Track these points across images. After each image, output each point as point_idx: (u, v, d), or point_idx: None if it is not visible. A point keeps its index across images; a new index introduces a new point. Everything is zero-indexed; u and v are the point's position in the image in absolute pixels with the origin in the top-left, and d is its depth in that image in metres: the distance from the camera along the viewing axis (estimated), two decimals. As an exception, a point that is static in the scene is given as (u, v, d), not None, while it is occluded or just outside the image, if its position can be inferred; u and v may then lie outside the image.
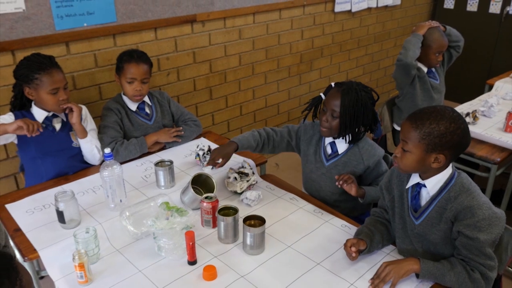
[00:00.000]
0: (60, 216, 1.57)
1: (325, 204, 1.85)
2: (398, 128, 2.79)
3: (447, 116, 1.38)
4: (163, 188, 1.85)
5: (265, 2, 3.19)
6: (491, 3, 4.34)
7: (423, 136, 1.38)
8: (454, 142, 1.38)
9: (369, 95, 1.80)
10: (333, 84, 1.83)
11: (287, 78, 3.59)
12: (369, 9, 4.04)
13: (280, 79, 3.54)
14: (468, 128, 1.42)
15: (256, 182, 1.92)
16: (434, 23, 2.63)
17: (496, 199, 2.34)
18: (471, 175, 2.41)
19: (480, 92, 3.23)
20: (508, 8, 4.24)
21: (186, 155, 2.15)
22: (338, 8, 3.73)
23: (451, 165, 1.47)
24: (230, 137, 3.21)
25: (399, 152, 1.46)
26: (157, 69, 2.75)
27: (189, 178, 1.77)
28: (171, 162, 1.88)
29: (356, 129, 1.81)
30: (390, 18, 4.36)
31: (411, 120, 1.43)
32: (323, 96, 1.86)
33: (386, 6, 4.21)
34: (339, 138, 1.85)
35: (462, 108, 2.76)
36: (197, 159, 2.02)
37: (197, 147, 2.04)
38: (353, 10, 3.86)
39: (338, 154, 1.88)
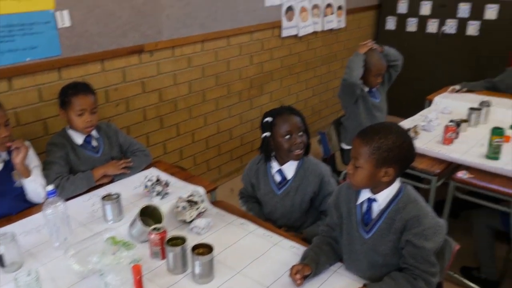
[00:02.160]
0: (0, 259, 1.52)
1: (275, 227, 1.88)
2: (345, 147, 2.88)
3: (394, 131, 1.47)
4: (111, 222, 1.83)
5: (212, 30, 3.25)
6: (428, 23, 4.60)
7: (373, 151, 1.45)
8: (401, 156, 1.47)
9: None
10: (269, 119, 1.89)
11: (238, 103, 3.65)
12: (315, 33, 4.18)
13: (231, 105, 3.59)
14: (413, 142, 1.51)
15: (206, 210, 1.93)
16: (372, 44, 2.77)
17: (439, 209, 2.44)
18: (415, 188, 2.51)
19: (422, 107, 3.38)
20: (443, 28, 4.50)
21: (135, 187, 2.13)
22: (285, 33, 3.85)
23: (398, 178, 1.55)
24: (183, 164, 3.24)
25: (351, 169, 1.52)
26: (105, 100, 2.73)
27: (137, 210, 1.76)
28: (118, 195, 1.86)
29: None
30: (336, 41, 4.53)
31: (361, 137, 1.51)
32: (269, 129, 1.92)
33: (331, 30, 4.38)
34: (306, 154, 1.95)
35: (404, 124, 2.87)
36: (146, 190, 2.01)
37: (146, 177, 2.04)
38: (299, 35, 3.99)
39: (288, 181, 1.94)
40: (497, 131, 2.36)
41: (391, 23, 4.86)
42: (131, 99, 2.88)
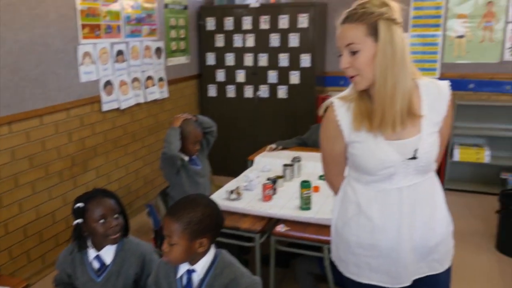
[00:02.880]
0: None
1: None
2: (174, 216, 2.90)
3: (201, 203, 1.55)
4: None
5: (21, 110, 3.04)
6: (245, 89, 5.03)
7: (185, 226, 1.50)
8: (212, 224, 1.54)
9: None
10: (80, 204, 1.81)
11: (59, 184, 3.40)
12: (138, 104, 4.21)
13: (51, 186, 3.33)
14: (219, 208, 1.61)
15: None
16: (187, 115, 2.91)
17: (267, 262, 2.58)
18: (243, 248, 2.63)
19: (246, 167, 3.61)
20: (258, 93, 4.97)
21: None
22: (105, 107, 3.79)
23: (213, 245, 1.61)
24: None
25: (167, 247, 1.53)
26: None
27: None
28: None
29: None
30: (161, 111, 4.62)
31: (170, 214, 1.54)
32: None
33: (155, 100, 4.46)
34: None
35: (229, 187, 3.02)
36: None
37: None
38: (122, 108, 3.97)
39: (107, 266, 1.85)
40: (304, 184, 2.63)
41: (212, 91, 5.19)
42: None
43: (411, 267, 1.53)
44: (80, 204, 1.81)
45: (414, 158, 1.44)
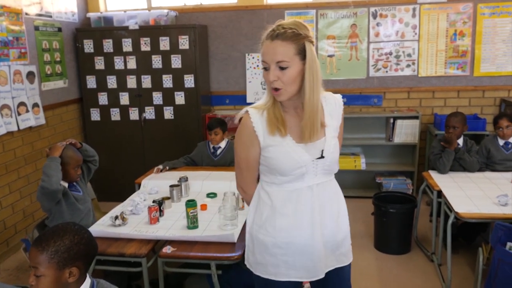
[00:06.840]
0: None
1: None
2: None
3: (69, 230, 1.49)
4: None
5: None
6: (130, 112, 4.92)
7: (52, 256, 1.43)
8: (82, 252, 1.49)
9: None
10: None
11: None
12: (10, 133, 3.90)
13: None
14: (91, 235, 1.57)
15: None
16: (70, 141, 2.78)
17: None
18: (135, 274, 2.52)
19: (135, 191, 3.50)
20: (144, 115, 4.89)
21: None
22: (-30, 137, 3.45)
23: (88, 274, 1.56)
24: None
25: (33, 280, 1.45)
26: None
27: None
28: None
29: None
30: (39, 138, 4.32)
31: (36, 245, 1.46)
32: None
33: (30, 128, 4.16)
34: None
35: (113, 212, 2.91)
36: None
37: None
38: (-9, 137, 3.65)
39: None
40: (190, 204, 2.63)
41: (95, 115, 4.99)
42: None
43: (324, 261, 1.69)
44: None
45: (321, 157, 1.62)
